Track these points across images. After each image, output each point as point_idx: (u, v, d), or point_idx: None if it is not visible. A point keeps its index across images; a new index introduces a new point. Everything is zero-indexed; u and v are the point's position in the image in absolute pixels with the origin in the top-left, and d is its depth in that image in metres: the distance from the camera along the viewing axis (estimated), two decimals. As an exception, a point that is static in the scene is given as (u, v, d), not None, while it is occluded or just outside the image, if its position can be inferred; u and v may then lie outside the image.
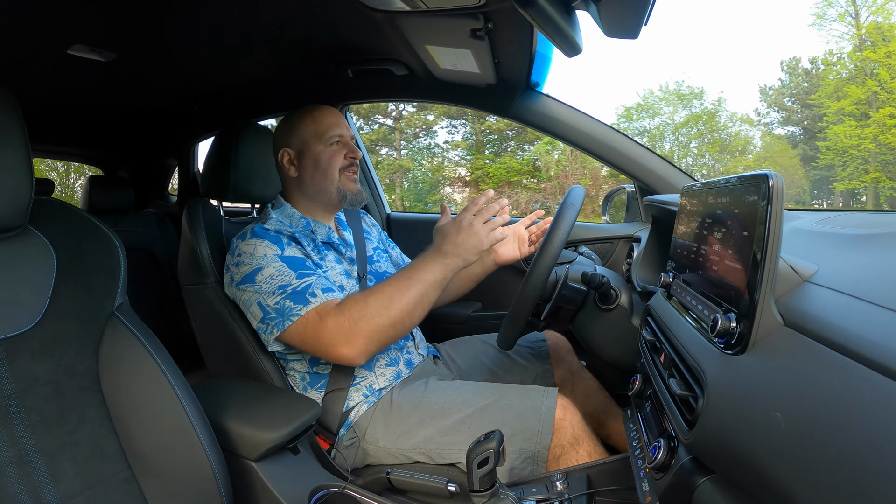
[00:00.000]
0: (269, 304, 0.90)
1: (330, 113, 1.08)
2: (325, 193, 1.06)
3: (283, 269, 0.91)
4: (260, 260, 0.92)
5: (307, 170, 1.06)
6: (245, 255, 0.93)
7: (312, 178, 1.06)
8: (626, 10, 0.72)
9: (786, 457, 0.35)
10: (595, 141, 1.32)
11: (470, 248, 0.91)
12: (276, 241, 0.95)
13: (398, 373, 1.04)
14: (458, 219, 0.93)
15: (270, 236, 0.95)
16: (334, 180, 1.06)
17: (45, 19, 0.96)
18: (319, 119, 1.06)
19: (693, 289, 0.63)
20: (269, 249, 0.93)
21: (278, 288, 0.90)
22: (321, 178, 1.05)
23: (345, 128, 1.08)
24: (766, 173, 0.45)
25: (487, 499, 0.60)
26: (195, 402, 0.73)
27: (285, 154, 1.07)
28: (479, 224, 0.91)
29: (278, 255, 0.93)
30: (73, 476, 0.63)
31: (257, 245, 0.93)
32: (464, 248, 0.91)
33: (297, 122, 1.07)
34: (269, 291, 0.90)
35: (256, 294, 0.91)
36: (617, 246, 1.45)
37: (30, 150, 0.64)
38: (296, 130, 1.07)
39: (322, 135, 1.05)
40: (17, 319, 0.63)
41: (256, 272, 0.91)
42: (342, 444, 0.95)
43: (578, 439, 0.89)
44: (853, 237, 0.59)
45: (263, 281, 0.90)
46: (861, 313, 0.38)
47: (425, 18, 0.91)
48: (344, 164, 1.06)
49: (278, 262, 0.92)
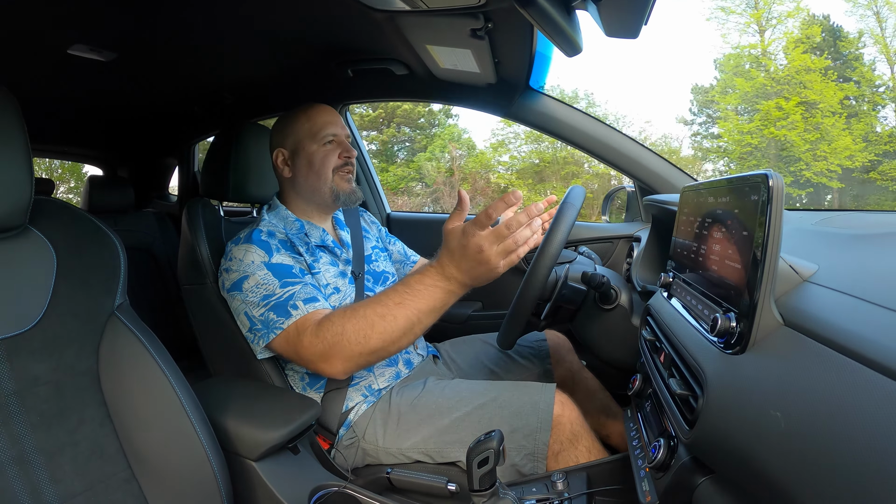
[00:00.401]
0: (254, 315, 0.90)
1: (324, 111, 1.07)
2: (318, 193, 1.05)
3: (268, 278, 0.90)
4: (247, 267, 0.91)
5: (301, 170, 1.05)
6: (235, 260, 0.93)
7: (306, 179, 1.05)
8: (626, 9, 0.72)
9: (785, 456, 0.35)
10: (595, 140, 1.32)
11: (477, 278, 0.79)
12: (265, 247, 0.94)
13: (397, 373, 1.04)
14: (466, 236, 0.76)
15: (261, 241, 0.94)
16: (328, 180, 1.04)
17: (45, 19, 0.96)
18: (313, 118, 1.05)
19: (693, 288, 0.63)
20: (256, 256, 0.92)
21: (262, 298, 0.89)
22: (315, 178, 1.04)
23: (340, 126, 1.07)
24: (766, 173, 0.45)
25: (487, 498, 0.60)
26: (195, 402, 0.73)
27: (279, 154, 1.06)
28: (491, 250, 0.75)
29: (265, 263, 0.92)
30: (73, 476, 0.63)
31: (247, 251, 0.93)
32: (470, 276, 0.79)
33: (291, 122, 1.06)
34: (254, 302, 0.90)
35: (243, 304, 0.91)
36: (617, 246, 1.45)
37: (30, 150, 0.64)
38: (290, 130, 1.06)
39: (316, 134, 1.04)
40: (18, 319, 0.63)
41: (243, 280, 0.91)
42: (342, 444, 0.95)
43: (577, 435, 0.89)
44: (853, 237, 0.59)
45: (249, 290, 0.90)
46: (861, 313, 0.38)
47: (425, 18, 0.91)
48: (338, 164, 1.05)
49: (264, 270, 0.91)
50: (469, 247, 0.76)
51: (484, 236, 0.76)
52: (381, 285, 1.12)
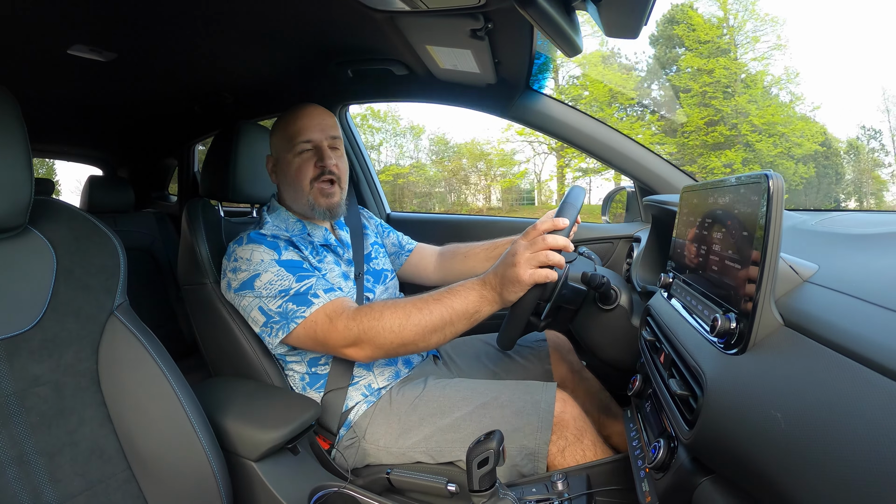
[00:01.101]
0: (271, 309, 0.89)
1: (302, 115, 1.01)
2: (299, 205, 1.03)
3: (282, 274, 0.90)
4: (258, 266, 0.91)
5: (283, 178, 1.03)
6: (242, 260, 0.92)
7: (287, 190, 1.03)
8: (626, 10, 0.72)
9: (785, 456, 0.35)
10: (595, 141, 1.32)
11: (507, 284, 0.79)
12: (274, 246, 0.93)
13: (397, 372, 1.04)
14: (513, 245, 0.80)
15: (267, 241, 0.94)
16: (305, 192, 1.00)
17: (45, 19, 0.96)
18: (290, 124, 1.00)
19: (693, 289, 0.63)
20: (266, 254, 0.92)
21: (279, 292, 0.89)
22: (292, 190, 1.01)
23: (318, 131, 1.00)
24: (766, 173, 0.45)
25: (487, 499, 0.60)
26: (195, 402, 0.73)
27: (269, 161, 1.06)
28: (524, 255, 0.77)
29: (275, 260, 0.91)
30: (72, 476, 0.63)
31: (254, 250, 0.92)
32: (502, 281, 0.79)
33: (274, 128, 1.04)
34: (269, 296, 0.89)
35: (257, 299, 0.90)
36: (617, 246, 1.45)
37: (30, 150, 0.64)
38: (273, 137, 1.05)
39: (290, 141, 0.99)
40: (17, 319, 0.63)
41: (255, 278, 0.90)
42: (342, 445, 0.95)
43: (582, 430, 0.89)
44: (853, 237, 0.59)
45: (263, 287, 0.89)
46: (861, 313, 0.38)
47: (425, 18, 0.91)
48: (314, 174, 0.99)
49: (276, 267, 0.90)
50: (509, 252, 0.80)
51: (521, 242, 0.80)
52: (381, 284, 1.12)
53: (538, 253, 0.77)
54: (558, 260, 0.78)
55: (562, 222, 0.80)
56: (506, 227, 1.61)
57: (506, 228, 1.60)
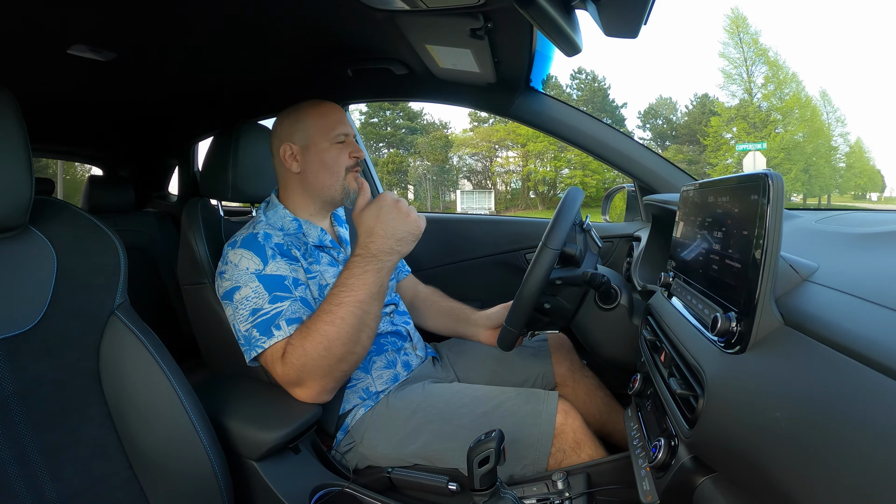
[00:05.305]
0: (240, 330, 0.89)
1: (336, 110, 1.06)
2: (328, 191, 1.04)
3: (259, 291, 0.89)
4: (240, 276, 0.90)
5: (312, 166, 1.03)
6: (230, 265, 0.92)
7: (317, 176, 1.03)
8: (626, 9, 0.72)
9: (786, 456, 0.35)
10: (595, 140, 1.32)
11: (405, 237, 0.84)
12: (261, 253, 0.92)
13: (395, 375, 1.03)
14: (378, 203, 0.86)
15: (257, 246, 0.93)
16: (340, 178, 1.04)
17: (45, 19, 0.96)
18: (327, 115, 1.04)
19: (693, 288, 0.63)
20: (251, 263, 0.91)
21: (251, 311, 0.88)
22: (327, 176, 1.03)
23: (349, 126, 1.06)
24: (766, 173, 0.45)
25: (488, 498, 0.61)
26: (196, 402, 0.73)
27: (287, 148, 1.03)
28: (403, 202, 0.83)
29: (257, 273, 0.90)
30: (74, 475, 0.63)
31: (242, 256, 0.92)
32: (395, 238, 0.84)
33: (302, 117, 1.04)
34: (242, 314, 0.88)
35: (233, 315, 0.90)
36: (617, 245, 1.45)
37: (30, 149, 0.64)
38: (301, 125, 1.03)
39: (329, 132, 1.03)
40: (18, 319, 0.63)
41: (235, 290, 0.90)
42: (340, 449, 0.95)
43: (580, 442, 0.89)
44: (853, 236, 0.59)
45: (240, 301, 0.89)
46: (861, 312, 0.38)
47: (425, 18, 0.91)
48: (350, 164, 1.04)
49: (255, 283, 0.89)
50: (383, 207, 0.85)
51: (391, 193, 0.86)
52: None
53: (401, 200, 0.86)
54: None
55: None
56: (506, 226, 1.61)
57: (506, 228, 1.60)
